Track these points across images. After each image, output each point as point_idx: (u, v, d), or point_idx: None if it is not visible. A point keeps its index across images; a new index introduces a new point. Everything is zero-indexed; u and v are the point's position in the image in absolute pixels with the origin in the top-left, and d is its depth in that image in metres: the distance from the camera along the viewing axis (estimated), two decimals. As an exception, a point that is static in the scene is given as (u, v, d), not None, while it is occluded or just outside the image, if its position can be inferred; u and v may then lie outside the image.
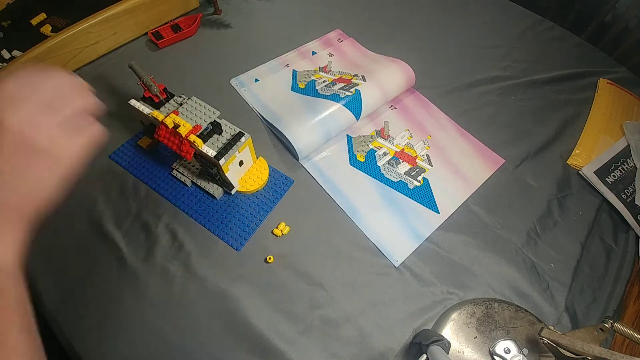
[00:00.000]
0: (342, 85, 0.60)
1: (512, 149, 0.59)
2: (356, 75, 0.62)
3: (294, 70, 0.65)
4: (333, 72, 0.65)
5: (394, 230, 0.50)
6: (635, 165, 0.58)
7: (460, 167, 0.57)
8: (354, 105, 0.57)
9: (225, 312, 0.43)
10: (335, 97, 0.58)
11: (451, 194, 0.54)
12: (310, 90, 0.62)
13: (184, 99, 0.47)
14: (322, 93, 0.60)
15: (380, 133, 0.59)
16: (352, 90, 0.58)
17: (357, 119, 0.57)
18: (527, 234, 0.51)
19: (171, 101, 0.48)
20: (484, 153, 0.59)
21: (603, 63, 0.72)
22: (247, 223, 0.49)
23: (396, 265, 0.47)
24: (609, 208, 0.55)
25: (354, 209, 0.51)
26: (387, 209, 0.52)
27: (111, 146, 0.54)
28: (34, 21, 0.63)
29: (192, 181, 0.51)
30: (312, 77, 0.64)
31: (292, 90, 0.62)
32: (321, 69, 0.66)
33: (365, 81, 0.60)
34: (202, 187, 0.50)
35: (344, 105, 0.56)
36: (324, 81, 0.63)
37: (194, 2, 0.73)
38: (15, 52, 0.59)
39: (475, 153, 0.58)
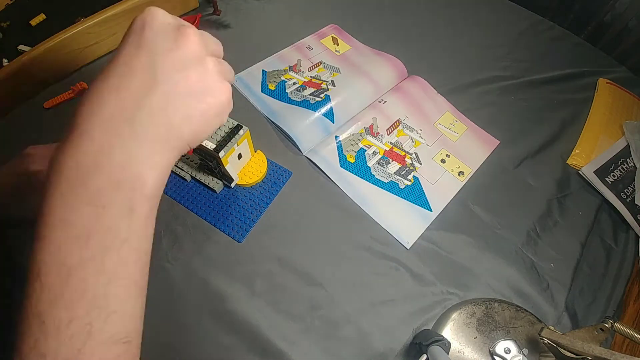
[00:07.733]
0: (312, 90, 0.61)
1: (512, 149, 0.59)
2: (325, 80, 0.62)
3: (263, 70, 0.65)
4: (302, 72, 0.65)
5: (399, 216, 0.51)
6: (635, 165, 0.58)
7: (457, 149, 0.58)
8: (328, 113, 0.58)
9: (225, 312, 0.43)
10: (305, 104, 0.58)
11: (445, 184, 0.54)
12: (280, 93, 0.61)
13: None
14: (293, 98, 0.60)
15: (369, 130, 0.59)
16: (322, 96, 0.59)
17: (333, 123, 0.58)
18: (527, 234, 0.51)
19: None
20: (479, 135, 0.59)
21: (603, 63, 0.72)
22: (248, 215, 0.49)
23: (407, 248, 0.48)
24: (609, 208, 0.55)
25: (362, 197, 0.52)
26: (383, 206, 0.52)
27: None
28: (33, 22, 0.63)
29: (191, 176, 0.51)
30: (282, 78, 0.64)
31: (262, 92, 0.62)
32: (290, 68, 0.65)
33: (334, 86, 0.61)
34: (202, 181, 0.50)
35: (322, 115, 0.57)
36: (294, 83, 0.63)
37: (193, 2, 0.72)
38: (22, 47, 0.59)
39: (470, 134, 0.59)
